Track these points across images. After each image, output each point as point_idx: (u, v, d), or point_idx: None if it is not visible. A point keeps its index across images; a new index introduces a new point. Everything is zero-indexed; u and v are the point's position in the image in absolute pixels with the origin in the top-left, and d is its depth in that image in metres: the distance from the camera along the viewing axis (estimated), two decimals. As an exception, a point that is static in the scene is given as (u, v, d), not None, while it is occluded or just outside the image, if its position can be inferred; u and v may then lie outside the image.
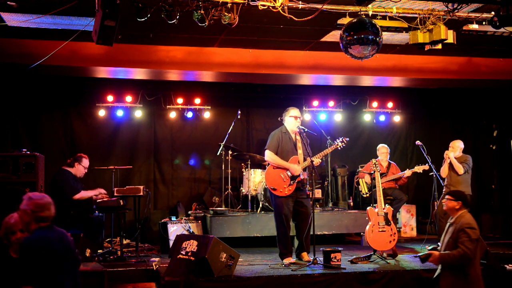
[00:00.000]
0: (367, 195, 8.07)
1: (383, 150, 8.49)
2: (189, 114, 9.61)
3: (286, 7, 5.20)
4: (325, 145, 7.66)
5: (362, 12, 5.49)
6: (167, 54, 7.58)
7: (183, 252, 5.59)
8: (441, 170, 7.76)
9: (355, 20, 5.24)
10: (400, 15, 5.65)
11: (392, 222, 6.60)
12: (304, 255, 6.39)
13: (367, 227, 6.56)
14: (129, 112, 9.41)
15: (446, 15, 5.60)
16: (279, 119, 6.78)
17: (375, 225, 6.52)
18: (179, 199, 9.49)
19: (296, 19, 5.24)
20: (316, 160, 6.39)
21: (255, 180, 8.35)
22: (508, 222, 9.73)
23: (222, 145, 8.60)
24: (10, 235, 3.75)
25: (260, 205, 8.14)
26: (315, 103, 10.12)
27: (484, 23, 5.84)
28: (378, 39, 5.16)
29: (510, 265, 6.19)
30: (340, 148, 6.75)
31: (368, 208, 6.68)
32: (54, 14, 5.72)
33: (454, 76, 8.45)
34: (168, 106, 9.52)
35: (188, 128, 9.81)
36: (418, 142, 7.64)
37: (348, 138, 6.76)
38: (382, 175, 7.98)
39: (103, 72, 7.80)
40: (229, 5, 5.17)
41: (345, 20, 5.50)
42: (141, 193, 6.94)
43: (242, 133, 10.05)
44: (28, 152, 6.86)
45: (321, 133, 8.11)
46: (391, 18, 5.69)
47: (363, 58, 5.35)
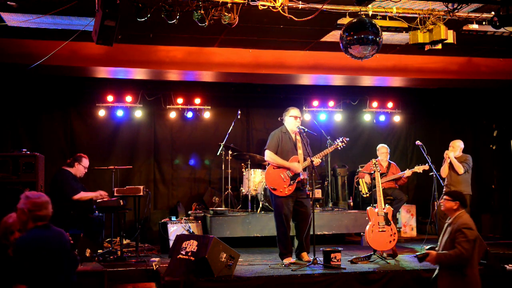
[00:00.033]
0: (367, 195, 8.07)
1: (383, 150, 8.49)
2: (189, 114, 9.61)
3: (286, 7, 5.20)
4: (325, 145, 7.66)
5: (362, 12, 5.49)
6: (167, 54, 7.57)
7: (183, 252, 5.59)
8: (441, 169, 7.77)
9: (355, 20, 5.24)
10: (400, 15, 5.65)
11: (392, 222, 6.59)
12: (304, 255, 6.38)
13: (367, 227, 6.56)
14: (129, 112, 9.41)
15: (446, 15, 5.60)
16: (279, 119, 6.78)
17: (375, 225, 6.52)
18: (179, 199, 9.49)
19: (296, 19, 5.24)
20: (316, 160, 6.39)
21: (255, 180, 8.35)
22: (508, 222, 9.73)
23: (222, 145, 8.60)
24: (9, 235, 3.75)
25: (260, 205, 8.14)
26: (315, 103, 10.12)
27: (484, 23, 5.84)
28: (378, 39, 5.16)
29: (510, 265, 6.18)
30: (340, 148, 6.75)
31: (368, 208, 6.67)
32: (54, 14, 5.72)
33: (454, 76, 8.45)
34: (168, 106, 9.52)
35: (188, 128, 9.81)
36: (418, 142, 7.63)
37: (348, 138, 6.75)
38: (382, 175, 7.98)
39: (103, 72, 7.80)
40: (229, 5, 5.17)
41: (345, 20, 5.50)
42: (141, 193, 6.94)
43: (242, 133, 10.05)
44: (28, 152, 6.86)
45: (321, 133, 8.12)
46: (391, 18, 5.69)
47: (363, 58, 5.35)
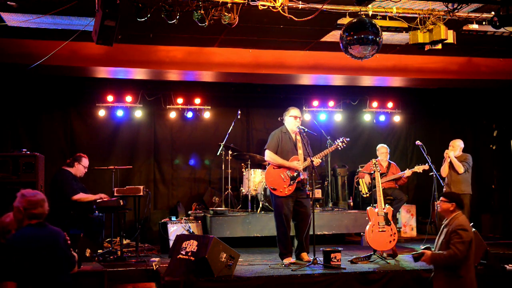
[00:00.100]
0: (367, 195, 8.07)
1: (382, 150, 8.49)
2: (189, 114, 9.61)
3: (286, 7, 5.20)
4: (325, 145, 7.66)
5: (362, 12, 5.49)
6: (167, 54, 7.57)
7: (183, 252, 5.59)
8: (441, 169, 7.78)
9: (355, 20, 5.24)
10: (400, 15, 5.65)
11: (392, 222, 6.59)
12: (304, 255, 6.38)
13: (367, 227, 6.56)
14: (129, 112, 9.41)
15: (446, 15, 5.59)
16: (279, 119, 6.78)
17: (375, 225, 6.52)
18: (179, 199, 9.49)
19: (296, 19, 5.24)
20: (316, 160, 6.39)
21: (255, 180, 8.35)
22: (508, 222, 9.73)
23: (222, 145, 8.60)
24: (6, 234, 3.74)
25: (260, 205, 8.14)
26: (315, 103, 10.12)
27: (484, 23, 5.84)
28: (378, 39, 5.16)
29: (510, 265, 6.17)
30: (340, 148, 6.75)
31: (368, 208, 6.67)
32: (54, 14, 5.72)
33: (454, 76, 8.44)
34: (168, 106, 9.52)
35: (188, 128, 9.81)
36: (418, 142, 7.64)
37: (348, 138, 6.75)
38: (382, 175, 7.98)
39: (103, 72, 7.80)
40: (229, 5, 5.17)
41: (345, 20, 5.50)
42: (141, 193, 6.94)
43: (242, 133, 10.04)
44: (28, 152, 6.85)
45: (321, 133, 8.12)
46: (391, 18, 5.68)
47: (363, 58, 5.34)
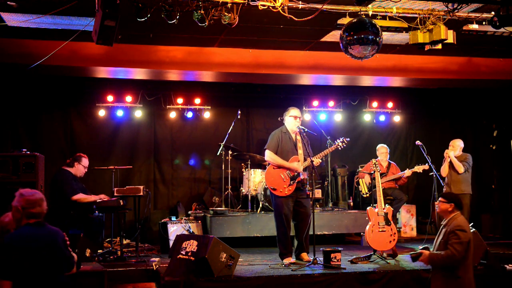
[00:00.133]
0: (367, 195, 8.07)
1: (382, 150, 8.49)
2: (189, 114, 9.61)
3: (286, 7, 5.19)
4: (325, 145, 7.66)
5: (362, 12, 5.49)
6: (167, 54, 7.57)
7: (183, 252, 5.59)
8: (441, 169, 7.78)
9: (355, 20, 5.24)
10: (400, 15, 5.65)
11: (392, 222, 6.59)
12: (304, 255, 6.37)
13: (367, 227, 6.55)
14: (129, 112, 9.41)
15: (446, 15, 5.59)
16: (279, 119, 6.78)
17: (375, 225, 6.52)
18: (179, 199, 9.49)
19: (296, 19, 5.24)
20: (316, 160, 6.39)
21: (255, 180, 8.35)
22: (508, 222, 9.73)
23: (222, 145, 8.60)
24: (5, 234, 3.74)
25: (260, 205, 8.14)
26: (315, 103, 10.12)
27: (484, 23, 5.84)
28: (378, 39, 5.16)
29: (510, 265, 6.18)
30: (340, 148, 6.75)
31: (368, 208, 6.67)
32: (54, 14, 5.72)
33: (454, 76, 8.44)
34: (168, 106, 9.52)
35: (188, 128, 9.81)
36: (418, 142, 7.64)
37: (348, 139, 6.74)
38: (382, 175, 7.98)
39: (103, 72, 7.80)
40: (229, 5, 5.17)
41: (345, 20, 5.49)
42: (141, 193, 6.94)
43: (242, 133, 10.05)
44: (28, 152, 6.85)
45: (321, 133, 8.12)
46: (391, 18, 5.68)
47: (363, 58, 5.34)
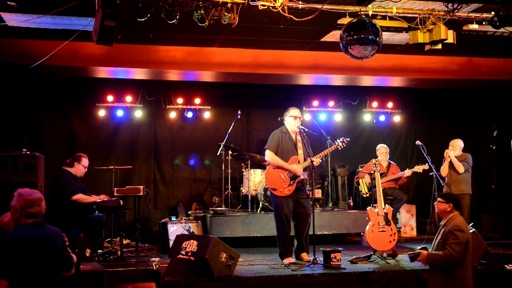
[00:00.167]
0: (367, 195, 8.07)
1: (382, 150, 8.49)
2: (189, 114, 9.61)
3: (286, 7, 5.20)
4: (325, 145, 7.66)
5: (362, 12, 5.49)
6: (167, 54, 7.57)
7: (183, 252, 5.59)
8: (441, 169, 7.78)
9: (355, 20, 5.24)
10: (400, 15, 5.65)
11: (392, 222, 6.59)
12: (304, 255, 6.37)
13: (367, 227, 6.56)
14: (129, 112, 9.41)
15: (446, 15, 5.59)
16: (279, 119, 6.78)
17: (375, 225, 6.52)
18: (179, 199, 9.49)
19: (296, 19, 5.24)
20: (316, 160, 6.39)
21: (255, 180, 8.35)
22: (508, 222, 9.73)
23: (222, 145, 8.60)
24: (5, 233, 3.74)
25: (260, 205, 8.14)
26: (315, 103, 10.12)
27: (484, 23, 5.84)
28: (378, 39, 5.16)
29: (510, 265, 6.18)
30: (340, 148, 6.74)
31: (368, 208, 6.67)
32: (54, 14, 5.72)
33: (454, 76, 8.45)
34: (168, 106, 9.52)
35: (188, 128, 9.81)
36: (418, 142, 7.64)
37: (348, 139, 6.74)
38: (382, 175, 7.98)
39: (103, 72, 7.80)
40: (229, 5, 5.17)
41: (345, 20, 5.50)
42: (141, 193, 6.94)
43: (242, 133, 10.04)
44: (28, 152, 6.85)
45: (321, 133, 8.13)
46: (391, 18, 5.68)
47: (363, 58, 5.34)
